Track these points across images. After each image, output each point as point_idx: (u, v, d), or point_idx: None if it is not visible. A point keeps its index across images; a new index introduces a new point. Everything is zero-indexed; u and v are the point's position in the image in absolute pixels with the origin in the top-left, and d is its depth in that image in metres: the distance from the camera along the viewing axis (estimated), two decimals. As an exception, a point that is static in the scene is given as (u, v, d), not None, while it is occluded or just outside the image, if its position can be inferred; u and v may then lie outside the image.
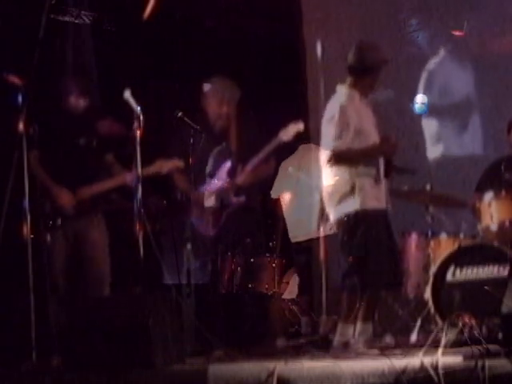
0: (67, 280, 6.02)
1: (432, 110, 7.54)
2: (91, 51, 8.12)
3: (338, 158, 5.73)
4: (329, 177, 5.86)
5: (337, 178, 5.80)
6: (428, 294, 6.14)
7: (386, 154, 5.85)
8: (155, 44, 8.42)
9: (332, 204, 5.87)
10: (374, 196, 5.77)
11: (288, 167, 7.40)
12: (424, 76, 7.87)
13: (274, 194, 7.54)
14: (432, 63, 7.91)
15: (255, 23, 8.78)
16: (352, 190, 5.74)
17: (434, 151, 7.84)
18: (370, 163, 5.79)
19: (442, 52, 7.89)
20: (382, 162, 5.83)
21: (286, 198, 7.45)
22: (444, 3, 7.93)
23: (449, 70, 7.91)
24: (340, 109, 5.74)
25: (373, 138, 5.85)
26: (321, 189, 6.06)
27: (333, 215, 5.89)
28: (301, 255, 7.52)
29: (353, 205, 5.74)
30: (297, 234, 7.42)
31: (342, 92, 5.87)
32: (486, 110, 7.74)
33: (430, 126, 7.88)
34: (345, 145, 5.70)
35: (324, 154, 5.86)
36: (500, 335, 5.02)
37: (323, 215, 6.66)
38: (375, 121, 5.94)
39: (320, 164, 6.00)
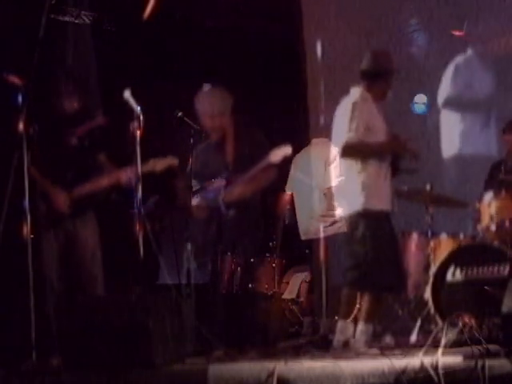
0: (60, 281, 5.99)
1: (455, 102, 7.57)
2: (91, 51, 8.12)
3: (350, 150, 5.79)
4: (333, 177, 5.92)
5: (342, 178, 5.85)
6: (428, 294, 6.15)
7: (395, 152, 5.91)
8: (155, 44, 8.42)
9: (340, 202, 5.92)
10: (378, 196, 5.80)
11: (299, 162, 7.37)
12: (450, 69, 7.89)
13: (287, 190, 7.55)
14: (459, 59, 7.93)
15: (255, 23, 8.78)
16: (357, 189, 5.78)
17: (449, 148, 7.86)
18: (378, 161, 5.83)
19: (469, 51, 7.92)
20: (389, 161, 5.87)
21: (296, 192, 7.43)
22: (444, 3, 7.93)
23: (474, 67, 7.93)
24: (353, 105, 5.86)
25: (382, 139, 5.90)
26: (322, 188, 6.08)
27: (341, 213, 5.95)
28: (312, 253, 7.51)
29: (357, 204, 5.78)
30: (307, 232, 7.38)
31: (356, 92, 5.96)
32: (500, 111, 7.74)
33: (448, 120, 7.89)
34: (356, 138, 5.76)
35: (333, 152, 5.92)
36: (500, 335, 5.03)
37: (327, 215, 6.69)
38: (386, 128, 5.99)
39: (326, 162, 6.04)
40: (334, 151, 6.03)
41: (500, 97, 7.77)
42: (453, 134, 7.93)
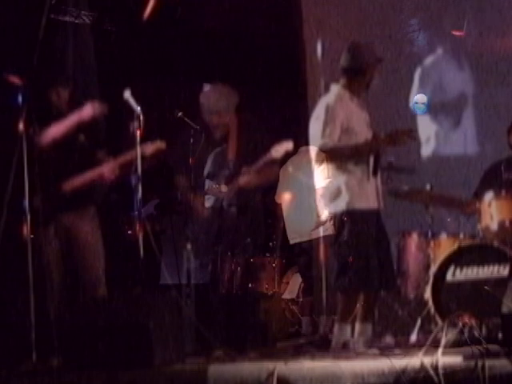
0: (62, 280, 5.98)
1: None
2: (91, 51, 8.12)
3: (326, 156, 5.75)
4: (321, 179, 5.90)
5: (329, 180, 5.82)
6: (428, 294, 6.14)
7: (375, 151, 5.84)
8: (155, 44, 8.42)
9: (325, 204, 5.90)
10: (362, 195, 5.78)
11: (287, 170, 7.40)
12: (418, 72, 7.89)
13: (277, 199, 7.55)
14: (428, 60, 7.92)
15: (255, 23, 8.78)
16: (342, 189, 5.76)
17: (426, 149, 7.86)
18: (359, 161, 5.80)
19: (439, 50, 7.91)
20: (371, 160, 5.83)
21: (285, 198, 7.45)
22: (444, 3, 7.93)
23: (445, 67, 7.92)
24: (326, 107, 5.80)
25: (364, 137, 5.86)
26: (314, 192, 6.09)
27: (325, 215, 5.92)
28: (302, 256, 7.53)
29: (341, 204, 5.76)
30: (295, 236, 7.43)
31: (333, 91, 5.92)
32: (484, 111, 7.74)
33: (422, 123, 7.89)
34: (331, 142, 5.72)
35: (314, 154, 5.90)
36: (500, 335, 5.03)
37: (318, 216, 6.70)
38: (369, 121, 5.95)
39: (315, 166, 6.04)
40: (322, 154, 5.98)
41: (481, 95, 7.76)
42: (428, 135, 7.92)
